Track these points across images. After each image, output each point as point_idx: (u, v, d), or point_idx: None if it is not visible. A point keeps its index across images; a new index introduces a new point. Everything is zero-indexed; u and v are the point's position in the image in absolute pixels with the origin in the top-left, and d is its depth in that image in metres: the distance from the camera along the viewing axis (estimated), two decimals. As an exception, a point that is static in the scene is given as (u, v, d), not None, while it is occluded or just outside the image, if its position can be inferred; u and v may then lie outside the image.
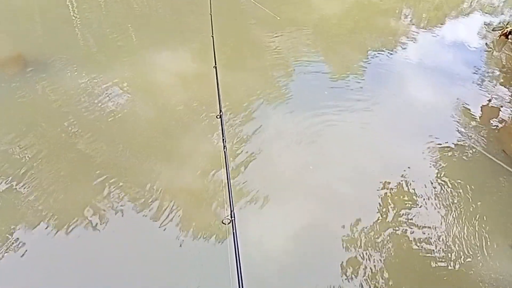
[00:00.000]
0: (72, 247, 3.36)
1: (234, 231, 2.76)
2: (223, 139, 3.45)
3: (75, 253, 3.33)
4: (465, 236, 3.59)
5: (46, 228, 3.46)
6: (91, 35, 7.10)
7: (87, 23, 7.55)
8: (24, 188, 3.81)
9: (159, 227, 3.53)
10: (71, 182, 3.93)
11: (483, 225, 3.71)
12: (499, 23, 8.40)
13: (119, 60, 6.20)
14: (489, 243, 3.54)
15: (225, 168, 3.24)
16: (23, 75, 5.52)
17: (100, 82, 5.52)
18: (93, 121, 4.76)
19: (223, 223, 2.96)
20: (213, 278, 3.08)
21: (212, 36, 5.02)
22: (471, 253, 3.44)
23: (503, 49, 7.84)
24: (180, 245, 3.38)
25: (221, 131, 3.57)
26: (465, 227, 3.67)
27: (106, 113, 4.92)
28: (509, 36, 8.14)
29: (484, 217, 3.78)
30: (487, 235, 3.61)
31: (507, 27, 8.18)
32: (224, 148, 3.38)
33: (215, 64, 4.26)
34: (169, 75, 5.85)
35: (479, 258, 3.40)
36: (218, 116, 3.68)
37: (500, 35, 8.21)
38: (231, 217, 2.85)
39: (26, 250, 3.30)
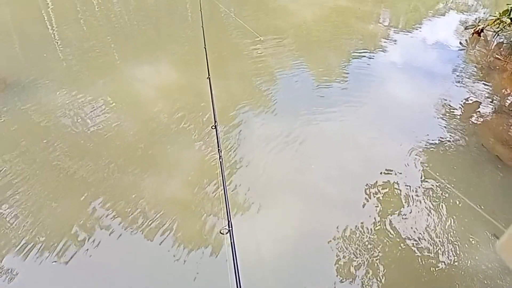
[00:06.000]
0: (62, 269, 3.02)
1: (232, 240, 2.58)
2: (218, 149, 3.24)
3: (66, 275, 3.00)
4: (451, 230, 3.41)
5: (34, 250, 3.12)
6: (72, 53, 6.65)
7: (67, 41, 7.13)
8: (10, 210, 3.46)
9: (153, 241, 3.23)
10: (58, 202, 3.56)
11: (468, 217, 3.53)
12: (475, 20, 8.20)
13: (101, 76, 5.79)
14: (475, 235, 3.37)
15: (221, 178, 3.03)
16: (4, 97, 5.10)
17: (83, 99, 5.14)
18: (79, 139, 4.39)
19: (221, 233, 2.76)
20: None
21: (205, 48, 4.74)
22: (458, 246, 3.27)
23: (476, 46, 7.66)
24: (177, 258, 3.10)
25: (216, 142, 3.35)
26: (451, 221, 3.50)
27: (92, 130, 4.54)
28: (481, 34, 7.97)
29: (469, 209, 3.60)
30: (472, 227, 3.44)
31: (478, 25, 8.01)
32: (220, 158, 3.15)
33: (208, 75, 4.00)
34: (154, 88, 5.51)
35: (466, 250, 3.23)
36: (213, 127, 3.46)
37: (473, 33, 8.03)
38: (229, 227, 2.67)
39: (14, 273, 2.96)
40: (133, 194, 3.66)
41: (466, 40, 7.89)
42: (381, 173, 4.03)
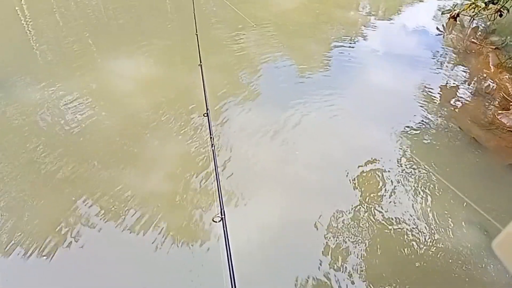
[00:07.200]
0: (47, 268, 2.90)
1: (225, 228, 2.61)
2: (211, 137, 3.25)
3: (52, 274, 2.88)
4: (432, 212, 3.50)
5: (17, 250, 2.98)
6: (48, 47, 6.38)
7: (42, 34, 6.85)
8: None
9: (143, 235, 3.15)
10: (40, 201, 3.41)
11: (448, 200, 3.63)
12: (452, 5, 8.36)
13: (79, 70, 5.57)
14: (454, 217, 3.46)
15: (214, 166, 3.07)
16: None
17: (61, 95, 4.93)
18: (58, 135, 4.22)
19: (214, 221, 2.79)
20: (206, 277, 2.89)
21: (196, 34, 4.62)
22: (438, 227, 3.36)
23: (453, 31, 7.82)
24: (169, 250, 3.06)
25: (208, 129, 3.35)
26: (431, 204, 3.59)
27: (71, 126, 4.36)
28: (457, 18, 8.13)
29: (448, 192, 3.70)
30: (451, 209, 3.54)
31: (454, 10, 8.15)
32: (212, 147, 3.18)
33: (200, 62, 3.91)
34: (136, 80, 5.34)
35: (446, 231, 3.33)
36: (205, 114, 3.46)
37: (449, 18, 8.18)
38: (221, 215, 2.70)
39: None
40: (118, 189, 3.55)
41: (443, 25, 8.04)
42: (363, 159, 4.07)
